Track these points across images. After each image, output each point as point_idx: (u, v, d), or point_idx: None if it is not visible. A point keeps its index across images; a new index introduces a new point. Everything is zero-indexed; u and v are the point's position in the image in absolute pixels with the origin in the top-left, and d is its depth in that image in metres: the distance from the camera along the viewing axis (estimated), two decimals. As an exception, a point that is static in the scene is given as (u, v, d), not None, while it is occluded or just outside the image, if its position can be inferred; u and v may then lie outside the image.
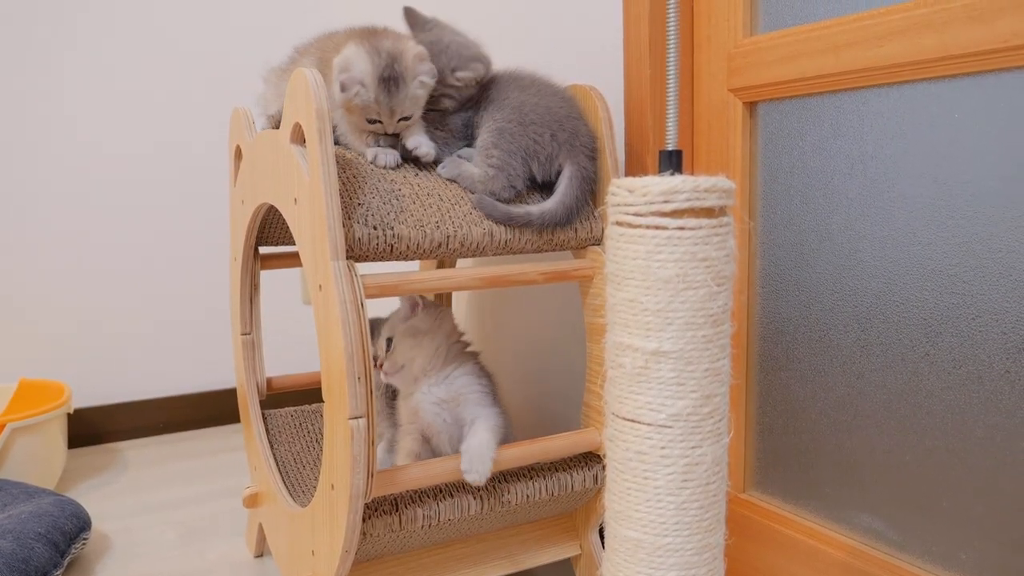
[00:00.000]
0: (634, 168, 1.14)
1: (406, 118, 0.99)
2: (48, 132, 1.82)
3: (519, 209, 0.99)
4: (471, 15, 1.57)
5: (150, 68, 1.91)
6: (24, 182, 1.81)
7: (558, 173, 1.02)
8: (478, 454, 0.95)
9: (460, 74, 1.02)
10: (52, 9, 1.80)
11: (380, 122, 0.98)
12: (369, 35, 1.01)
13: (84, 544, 1.30)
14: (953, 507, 0.87)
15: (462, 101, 1.06)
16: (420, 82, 0.98)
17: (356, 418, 0.83)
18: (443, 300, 1.48)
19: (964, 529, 0.86)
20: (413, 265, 1.65)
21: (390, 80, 0.96)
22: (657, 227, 0.65)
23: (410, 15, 1.10)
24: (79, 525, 1.30)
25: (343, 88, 0.95)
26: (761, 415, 1.10)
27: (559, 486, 1.04)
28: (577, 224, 1.02)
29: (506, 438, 1.07)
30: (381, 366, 1.08)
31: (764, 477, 1.10)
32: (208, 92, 1.98)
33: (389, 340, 1.09)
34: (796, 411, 1.04)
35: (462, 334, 1.15)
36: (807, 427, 1.03)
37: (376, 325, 1.16)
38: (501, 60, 1.10)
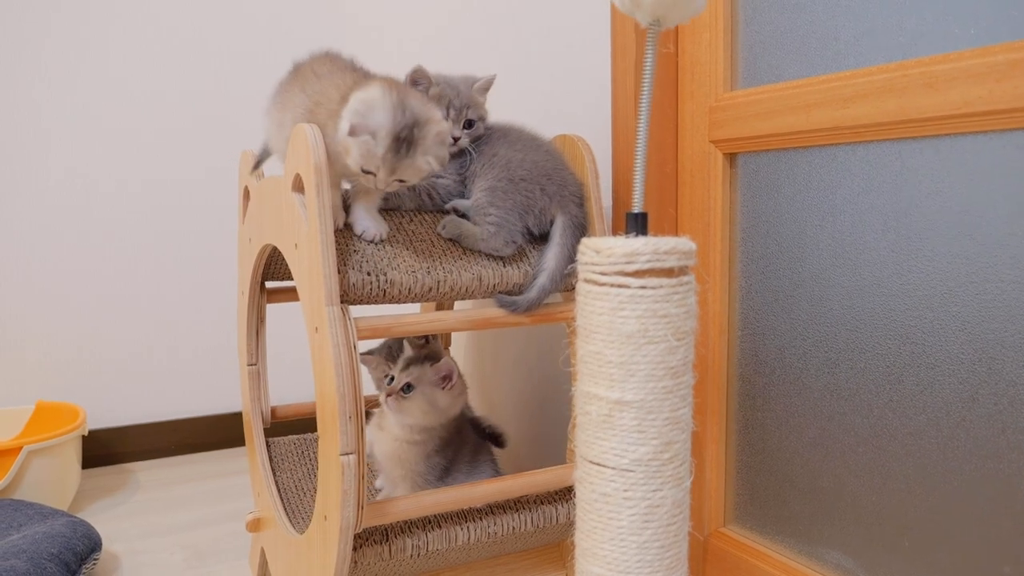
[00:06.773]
0: (622, 213, 1.20)
1: (401, 181, 0.94)
2: (70, 155, 1.91)
3: (533, 293, 1.03)
4: (469, 66, 1.64)
5: (144, 106, 1.99)
6: (36, 209, 1.89)
7: (551, 223, 1.08)
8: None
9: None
10: (44, 44, 1.89)
11: (374, 175, 0.92)
12: (396, 86, 0.94)
13: (95, 564, 1.36)
14: (913, 546, 0.91)
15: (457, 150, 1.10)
16: (427, 160, 0.93)
17: (347, 454, 0.88)
18: (441, 340, 1.53)
19: (923, 568, 0.90)
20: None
21: (404, 142, 0.90)
22: (620, 286, 0.71)
23: (417, 73, 1.09)
24: (90, 546, 1.36)
25: (351, 131, 0.89)
26: (740, 452, 1.14)
27: (544, 518, 1.09)
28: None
29: (495, 472, 1.12)
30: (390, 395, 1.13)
31: (743, 513, 1.14)
32: (203, 127, 2.06)
33: (408, 386, 1.13)
34: (772, 450, 1.09)
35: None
36: (782, 466, 1.07)
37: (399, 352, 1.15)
38: (499, 109, 1.16)
